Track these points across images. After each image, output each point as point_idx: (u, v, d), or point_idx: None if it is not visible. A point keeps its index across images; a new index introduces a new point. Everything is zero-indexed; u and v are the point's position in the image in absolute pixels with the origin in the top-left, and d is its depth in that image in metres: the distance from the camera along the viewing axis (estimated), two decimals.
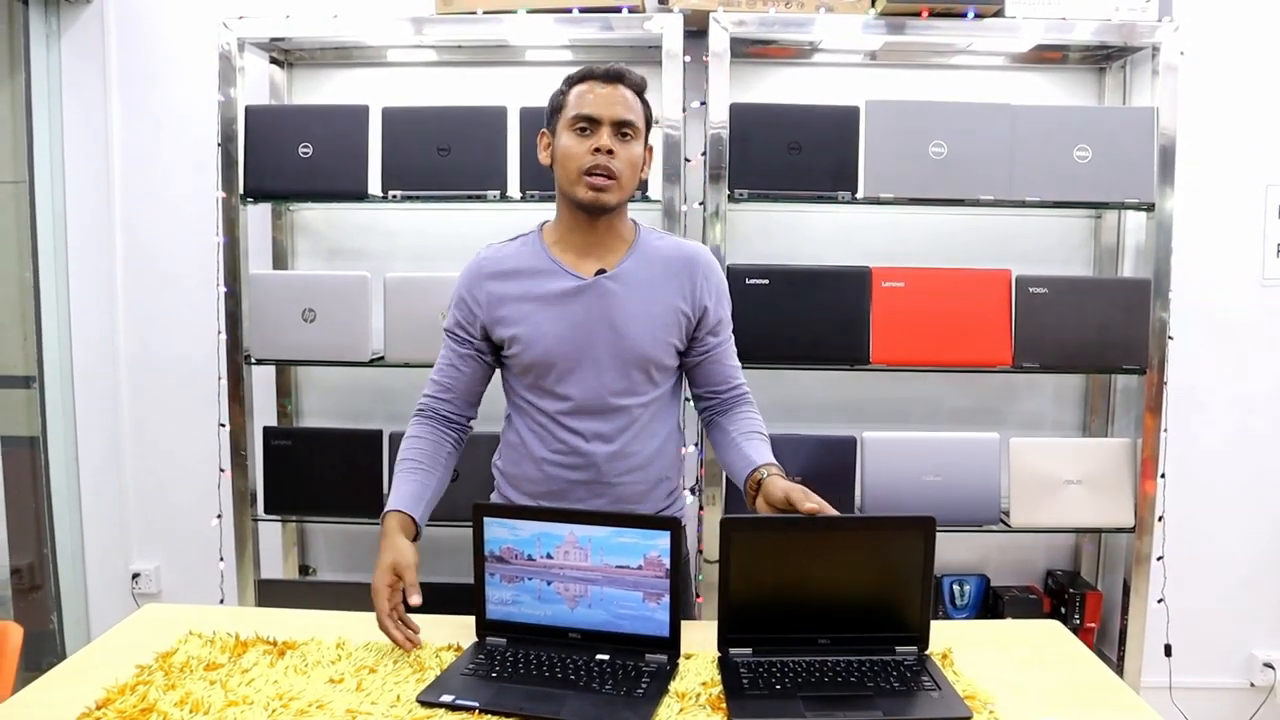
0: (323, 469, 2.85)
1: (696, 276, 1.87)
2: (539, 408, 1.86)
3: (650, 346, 1.84)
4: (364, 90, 3.05)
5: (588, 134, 1.77)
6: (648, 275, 1.85)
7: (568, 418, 1.84)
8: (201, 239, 3.04)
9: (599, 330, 1.81)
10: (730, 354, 1.96)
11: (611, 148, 1.76)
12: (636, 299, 1.83)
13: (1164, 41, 2.71)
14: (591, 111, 1.76)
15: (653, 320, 1.83)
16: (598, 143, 1.75)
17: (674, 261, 1.87)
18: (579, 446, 1.85)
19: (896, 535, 1.59)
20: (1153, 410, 2.80)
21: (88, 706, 1.41)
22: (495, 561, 1.62)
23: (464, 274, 1.89)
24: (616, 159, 1.76)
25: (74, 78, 3.15)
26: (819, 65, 3.07)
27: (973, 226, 3.04)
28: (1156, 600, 2.94)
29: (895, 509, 2.72)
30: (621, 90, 1.79)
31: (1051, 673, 1.59)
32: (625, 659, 1.56)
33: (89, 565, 3.32)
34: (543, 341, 1.81)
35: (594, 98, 1.77)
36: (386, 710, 1.42)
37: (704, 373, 1.94)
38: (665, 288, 1.85)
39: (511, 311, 1.83)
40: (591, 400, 1.83)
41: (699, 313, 1.88)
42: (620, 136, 1.78)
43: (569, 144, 1.78)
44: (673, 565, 1.57)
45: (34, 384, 3.21)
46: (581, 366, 1.82)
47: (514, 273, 1.85)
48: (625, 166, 1.78)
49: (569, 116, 1.78)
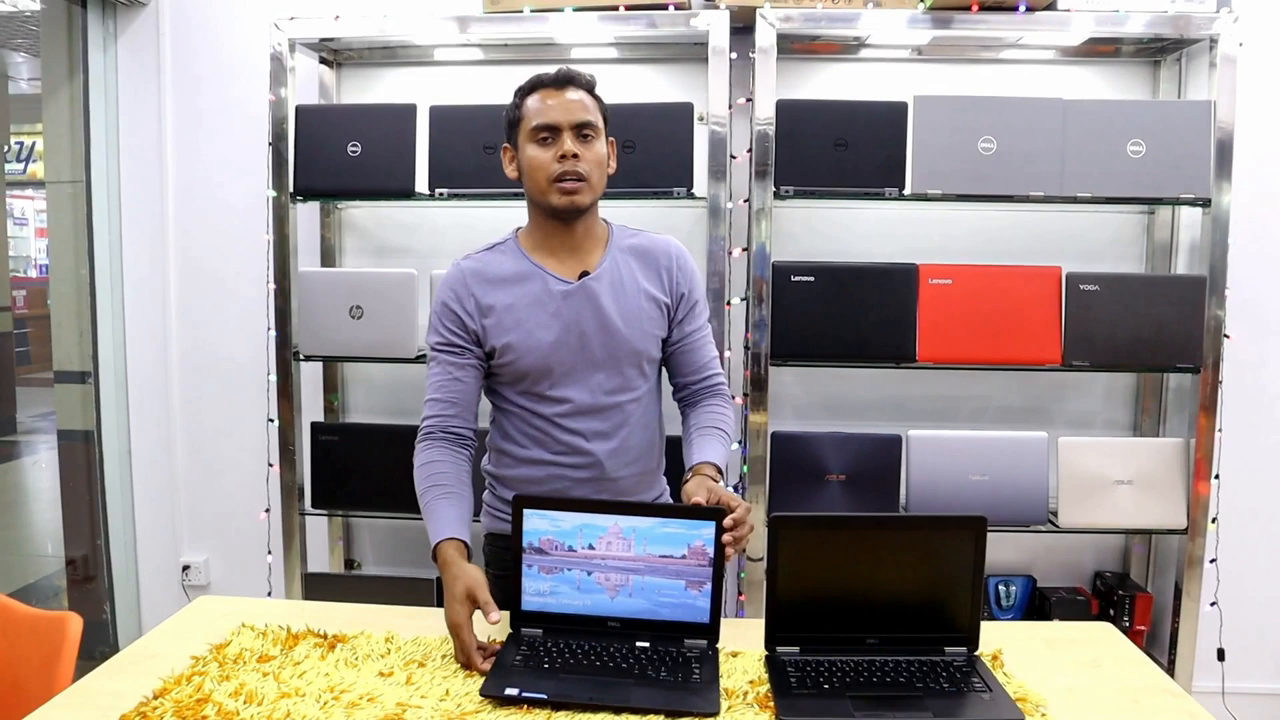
0: (369, 464, 2.88)
1: (671, 265, 1.91)
2: (535, 412, 1.86)
3: (640, 341, 1.86)
4: (412, 89, 3.08)
5: (550, 142, 1.77)
6: (627, 271, 1.87)
7: (567, 419, 1.85)
8: (252, 237, 3.09)
9: (591, 332, 1.83)
10: (706, 343, 1.97)
11: (576, 152, 1.77)
12: (621, 296, 1.85)
13: (1222, 33, 2.65)
14: (550, 120, 1.77)
15: (639, 314, 1.86)
16: (561, 149, 1.76)
17: (648, 255, 1.90)
18: (581, 446, 1.86)
19: (947, 535, 1.57)
20: (1207, 410, 2.74)
21: (145, 696, 1.44)
22: (534, 553, 1.62)
23: (445, 286, 1.87)
24: (583, 161, 1.78)
25: (129, 80, 3.20)
26: (866, 61, 3.05)
27: (1022, 223, 3.00)
28: (1209, 603, 2.89)
29: (941, 508, 2.70)
30: (575, 93, 1.80)
31: (1105, 677, 1.57)
32: (665, 645, 1.58)
33: (141, 557, 3.39)
34: (538, 349, 1.82)
35: (550, 105, 1.78)
36: (436, 704, 1.43)
37: (680, 361, 1.95)
38: (644, 281, 1.88)
39: (502, 320, 1.82)
40: (590, 401, 1.85)
41: (676, 300, 1.91)
42: (582, 138, 1.78)
43: (534, 155, 1.78)
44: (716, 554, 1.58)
45: (89, 379, 3.27)
46: (577, 369, 1.84)
47: (499, 280, 1.84)
48: (592, 167, 1.79)
49: (529, 128, 1.79)
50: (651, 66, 3.06)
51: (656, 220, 2.96)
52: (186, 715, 1.38)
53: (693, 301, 1.93)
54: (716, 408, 1.94)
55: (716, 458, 1.82)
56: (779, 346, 2.75)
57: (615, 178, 2.64)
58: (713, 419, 1.91)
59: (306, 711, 1.40)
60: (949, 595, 1.58)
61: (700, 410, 1.94)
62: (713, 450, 1.84)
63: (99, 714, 1.39)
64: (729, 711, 1.41)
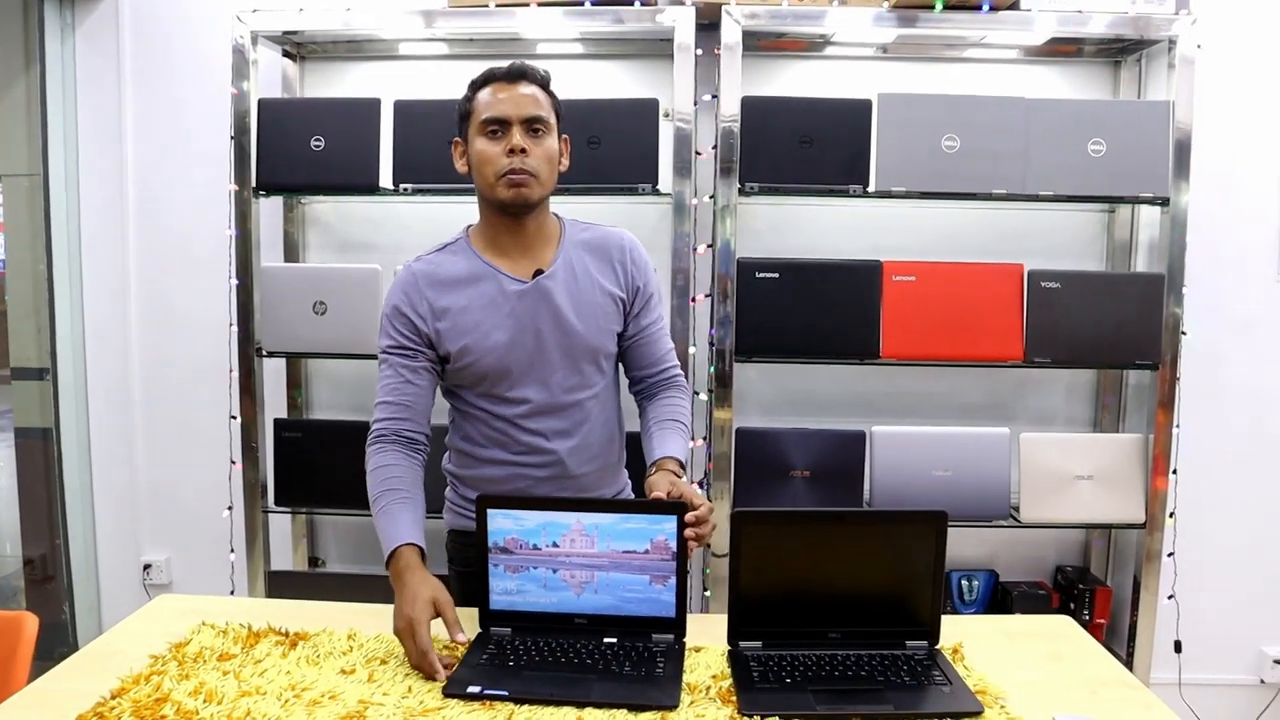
0: (333, 461, 2.86)
1: (625, 259, 1.89)
2: (494, 413, 1.85)
3: (597, 337, 1.86)
4: (376, 83, 3.06)
5: (499, 136, 1.75)
6: (581, 267, 1.85)
7: (527, 420, 1.84)
8: (214, 232, 3.05)
9: (548, 331, 1.81)
10: (663, 335, 1.97)
11: (525, 146, 1.74)
12: (576, 292, 1.83)
13: (1181, 35, 2.69)
14: (500, 113, 1.75)
15: (595, 309, 1.85)
16: (510, 143, 1.74)
17: (602, 249, 1.88)
18: (542, 446, 1.85)
19: (908, 530, 1.58)
20: (1165, 406, 2.79)
21: (103, 696, 1.42)
22: (499, 552, 1.62)
23: (397, 289, 1.83)
24: (531, 157, 1.75)
25: (88, 71, 3.15)
26: (831, 58, 3.06)
27: (985, 220, 3.03)
28: (1167, 596, 2.93)
29: (904, 504, 2.72)
30: (526, 87, 1.77)
31: (1064, 669, 1.59)
32: (633, 640, 1.59)
33: (101, 556, 3.34)
34: (495, 350, 1.80)
35: (500, 99, 1.76)
36: (399, 701, 1.42)
37: (637, 355, 1.95)
38: (599, 276, 1.86)
39: (457, 322, 1.80)
40: (549, 400, 1.84)
41: (632, 294, 1.90)
42: (532, 133, 1.76)
43: (483, 148, 1.76)
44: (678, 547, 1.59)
45: (47, 376, 3.22)
46: (535, 369, 1.82)
47: (452, 282, 1.82)
48: (542, 163, 1.77)
49: (479, 121, 1.77)
50: (617, 62, 3.06)
51: (621, 216, 2.94)
52: (145, 715, 1.36)
53: (648, 294, 1.92)
54: (675, 400, 1.94)
55: (677, 452, 1.83)
56: (744, 343, 2.75)
57: (580, 174, 2.66)
58: (671, 411, 1.91)
59: (267, 710, 1.38)
60: (910, 589, 1.59)
61: (658, 403, 1.94)
62: (673, 444, 1.84)
63: (55, 714, 1.37)
64: (692, 706, 1.41)
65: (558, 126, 1.82)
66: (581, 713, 1.39)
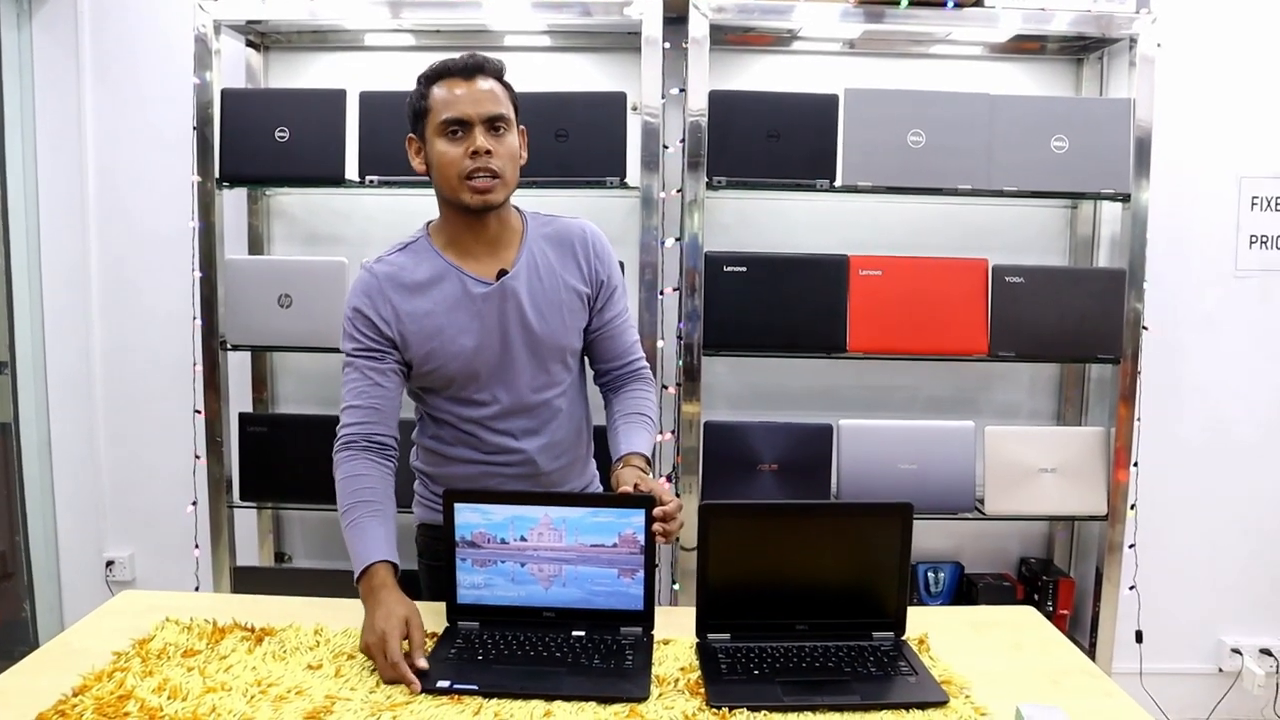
0: (299, 456, 2.83)
1: (588, 252, 1.86)
2: (462, 416, 1.83)
3: (563, 336, 1.83)
4: (341, 74, 3.03)
5: (460, 137, 1.70)
6: (545, 265, 1.82)
7: (495, 421, 1.82)
8: (176, 224, 3.01)
9: (514, 332, 1.79)
10: (628, 328, 1.94)
11: (489, 147, 1.69)
12: (540, 291, 1.80)
13: (1141, 33, 2.73)
14: (460, 113, 1.68)
15: (560, 308, 1.82)
16: (473, 145, 1.68)
17: (564, 244, 1.85)
18: (511, 445, 1.84)
19: (874, 522, 1.60)
20: (1126, 400, 2.82)
21: (64, 694, 1.40)
22: (466, 546, 1.62)
23: (358, 292, 1.78)
24: (495, 157, 1.70)
25: (45, 61, 3.10)
26: (798, 53, 3.08)
27: (950, 215, 3.05)
28: (1128, 587, 2.98)
29: (871, 497, 2.73)
30: (484, 82, 1.71)
31: (1027, 659, 1.61)
32: (601, 634, 1.59)
33: (62, 553, 3.29)
34: (461, 355, 1.77)
35: (459, 96, 1.69)
36: (365, 696, 1.41)
37: (602, 348, 1.93)
38: (563, 272, 1.83)
39: (422, 327, 1.76)
40: (516, 401, 1.82)
41: (597, 288, 1.87)
42: (493, 131, 1.71)
43: (444, 150, 1.70)
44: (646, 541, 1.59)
45: (6, 370, 3.17)
46: (502, 370, 1.80)
47: (415, 286, 1.77)
48: (506, 162, 1.72)
49: (437, 121, 1.70)
50: (585, 55, 3.05)
51: (589, 210, 2.94)
52: (108, 712, 1.35)
53: (612, 287, 1.89)
54: (640, 392, 1.93)
55: (643, 447, 1.82)
56: (711, 336, 2.76)
57: (548, 167, 2.65)
58: (637, 405, 1.91)
59: (233, 706, 1.37)
60: (876, 581, 1.61)
61: (624, 396, 1.93)
62: (640, 439, 1.83)
63: (14, 713, 1.35)
64: (660, 699, 1.42)
65: (516, 119, 1.77)
66: (550, 706, 1.39)
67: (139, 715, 1.34)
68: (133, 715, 1.34)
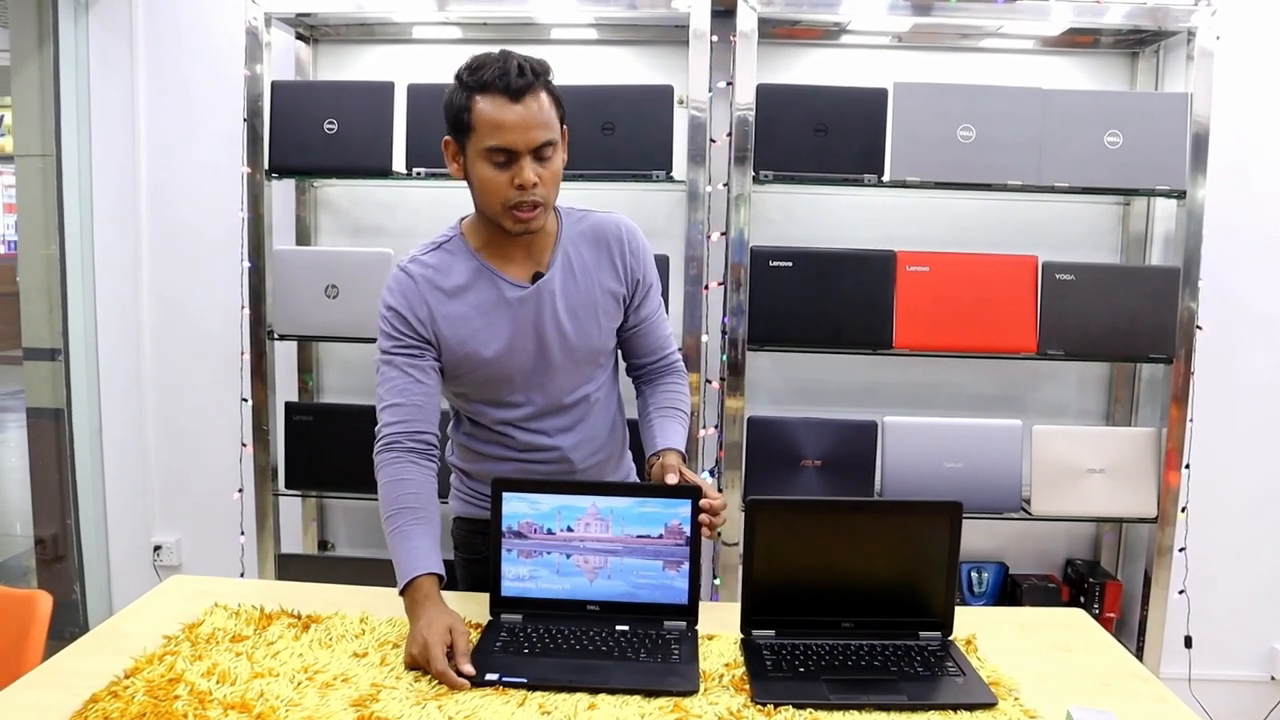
0: (343, 445, 2.85)
1: (624, 250, 1.80)
2: (495, 417, 1.81)
3: (598, 338, 1.80)
4: (389, 67, 3.05)
5: (505, 164, 1.61)
6: (580, 266, 1.78)
7: (528, 421, 1.80)
8: (226, 214, 3.05)
9: (549, 336, 1.75)
10: (662, 323, 1.91)
11: (536, 180, 1.61)
12: (576, 293, 1.76)
13: (1200, 26, 2.67)
14: (508, 144, 1.58)
15: (595, 310, 1.79)
16: (520, 178, 1.60)
17: (599, 242, 1.79)
18: (544, 443, 1.82)
19: (922, 520, 1.58)
20: (1179, 400, 2.77)
21: (116, 675, 1.42)
22: (513, 537, 1.62)
23: (395, 291, 1.73)
24: (542, 185, 1.62)
25: (101, 52, 3.15)
26: (846, 47, 3.05)
27: (999, 212, 3.01)
28: (1178, 591, 2.92)
29: (915, 495, 2.71)
30: (533, 103, 1.59)
31: (1077, 661, 1.58)
32: (645, 628, 1.58)
33: (111, 537, 3.35)
34: (496, 359, 1.74)
35: (507, 124, 1.58)
36: (411, 685, 1.42)
37: (637, 344, 1.90)
38: (598, 272, 1.78)
39: (457, 331, 1.72)
40: (550, 402, 1.80)
41: (633, 286, 1.83)
42: (540, 160, 1.62)
43: (488, 176, 1.62)
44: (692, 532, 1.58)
45: (59, 357, 3.23)
46: (536, 373, 1.77)
47: (451, 289, 1.73)
48: (551, 189, 1.65)
49: (482, 147, 1.60)
50: (631, 49, 3.04)
51: (634, 203, 2.95)
52: (158, 695, 1.36)
53: (648, 285, 1.85)
54: (674, 385, 1.91)
55: (679, 443, 1.80)
56: (756, 331, 2.75)
57: (594, 160, 2.66)
58: (671, 399, 1.88)
59: (280, 691, 1.38)
60: (924, 580, 1.59)
61: (658, 389, 1.91)
62: (675, 435, 1.81)
63: (69, 693, 1.37)
64: (705, 694, 1.41)
65: (562, 123, 1.67)
66: (595, 699, 1.39)
67: (189, 698, 1.36)
68: (182, 698, 1.36)
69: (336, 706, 1.35)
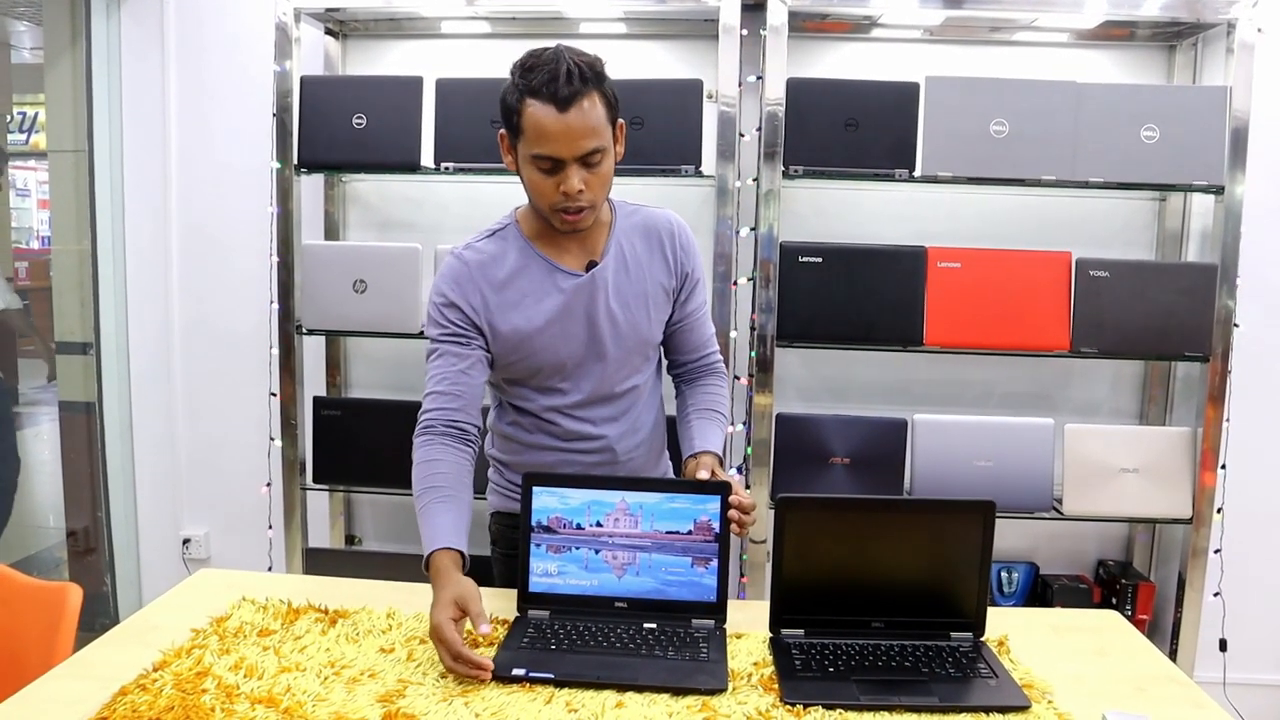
0: (371, 440, 2.86)
1: (675, 245, 1.82)
2: (544, 404, 1.81)
3: (648, 329, 1.81)
4: (418, 62, 3.05)
5: (552, 170, 1.62)
6: (632, 257, 1.79)
7: (576, 409, 1.81)
8: (255, 209, 3.06)
9: (602, 325, 1.76)
10: (705, 321, 1.92)
11: (582, 186, 1.62)
12: (628, 283, 1.78)
13: (1240, 18, 2.62)
14: (554, 153, 1.59)
15: (647, 300, 1.80)
16: (565, 185, 1.61)
17: (651, 235, 1.82)
18: (590, 432, 1.82)
19: (954, 519, 1.56)
20: (1215, 400, 2.73)
21: (145, 668, 1.43)
22: (542, 532, 1.61)
23: (447, 279, 1.75)
24: (589, 190, 1.63)
25: (133, 48, 3.17)
26: (877, 41, 3.02)
27: (1033, 207, 2.97)
28: (1213, 594, 2.87)
29: (945, 493, 2.68)
30: (582, 111, 1.58)
31: (1111, 664, 1.55)
32: (673, 626, 1.56)
33: (141, 529, 3.38)
34: (548, 347, 1.75)
35: (553, 134, 1.58)
36: (437, 680, 1.42)
37: (680, 341, 1.90)
38: (650, 265, 1.80)
39: (511, 318, 1.73)
40: (599, 390, 1.80)
41: (681, 280, 1.84)
42: (588, 166, 1.62)
43: (536, 180, 1.64)
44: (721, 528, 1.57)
45: (91, 350, 3.26)
46: (588, 361, 1.78)
47: (505, 277, 1.74)
48: (598, 190, 1.66)
49: (530, 153, 1.61)
50: (661, 43, 3.03)
51: (663, 198, 2.90)
52: (186, 688, 1.37)
53: (695, 280, 1.87)
54: (714, 387, 1.91)
55: (716, 445, 1.79)
56: (785, 328, 2.73)
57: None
58: (710, 400, 1.88)
59: (307, 686, 1.38)
60: (955, 580, 1.56)
61: (698, 390, 1.91)
62: (714, 438, 1.80)
63: (99, 685, 1.38)
64: (733, 694, 1.40)
65: (614, 120, 1.67)
66: (622, 697, 1.37)
67: (216, 692, 1.36)
68: (210, 692, 1.36)
69: (363, 702, 1.35)
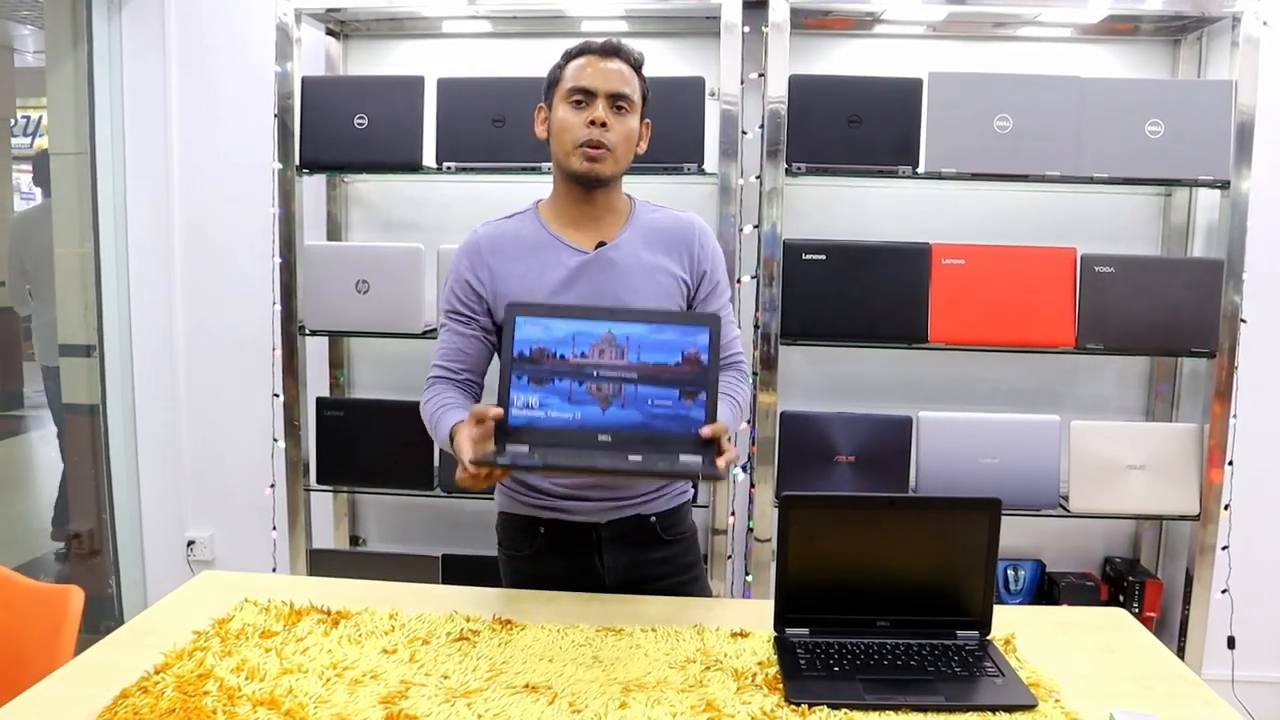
0: (374, 440, 2.86)
1: (694, 244, 1.86)
2: None
3: None
4: (419, 61, 3.04)
5: (583, 106, 1.75)
6: (647, 245, 1.83)
7: None
8: (257, 210, 3.06)
9: (605, 303, 1.77)
10: (728, 325, 1.93)
11: (606, 120, 1.74)
12: (639, 269, 1.80)
13: (1245, 11, 2.60)
14: (587, 84, 1.74)
15: (657, 288, 1.81)
16: (592, 115, 1.73)
17: (671, 231, 1.85)
18: None
19: (960, 517, 1.55)
20: (1222, 396, 2.71)
21: (146, 671, 1.42)
22: (524, 363, 1.54)
23: (462, 254, 1.84)
24: (611, 132, 1.74)
25: (134, 51, 3.17)
26: (880, 37, 3.00)
27: (1037, 203, 2.96)
28: (1220, 591, 2.86)
29: (951, 491, 2.67)
30: (618, 63, 1.77)
31: (1119, 662, 1.54)
32: (660, 457, 1.52)
33: (146, 531, 3.38)
34: None
35: (591, 71, 1.75)
36: (440, 682, 1.41)
37: None
38: (665, 257, 1.83)
39: (514, 290, 1.78)
40: None
41: (698, 278, 1.86)
42: (616, 109, 1.76)
43: (564, 116, 1.76)
44: (710, 360, 1.55)
45: (94, 353, 3.26)
46: None
47: (515, 250, 1.81)
48: (620, 140, 1.76)
49: (565, 89, 1.76)
50: (662, 40, 3.02)
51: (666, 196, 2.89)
52: (187, 690, 1.36)
53: (714, 281, 1.88)
54: (732, 376, 1.91)
55: (725, 419, 1.78)
56: (789, 326, 2.72)
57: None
58: (727, 387, 1.86)
59: (308, 688, 1.38)
60: (961, 578, 1.56)
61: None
62: (724, 413, 1.79)
63: (100, 687, 1.37)
64: (738, 693, 1.39)
65: (642, 109, 1.82)
66: (625, 698, 1.36)
67: (218, 694, 1.35)
68: (212, 694, 1.35)
69: (365, 703, 1.34)
